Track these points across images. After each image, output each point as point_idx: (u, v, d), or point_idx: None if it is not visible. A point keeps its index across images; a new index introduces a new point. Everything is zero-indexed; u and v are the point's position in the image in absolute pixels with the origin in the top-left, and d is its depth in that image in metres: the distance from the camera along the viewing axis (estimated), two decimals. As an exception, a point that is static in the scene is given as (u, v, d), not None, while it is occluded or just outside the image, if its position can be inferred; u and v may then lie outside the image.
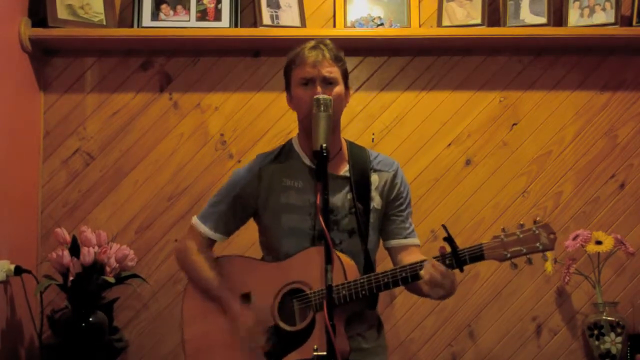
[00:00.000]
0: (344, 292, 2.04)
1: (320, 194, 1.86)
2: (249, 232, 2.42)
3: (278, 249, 2.23)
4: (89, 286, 2.66)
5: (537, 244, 1.93)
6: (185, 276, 2.38)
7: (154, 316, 3.03)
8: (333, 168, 2.23)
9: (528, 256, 1.96)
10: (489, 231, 3.04)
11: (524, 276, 3.03)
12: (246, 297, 2.22)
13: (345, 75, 2.23)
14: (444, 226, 1.96)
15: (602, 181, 3.08)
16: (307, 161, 2.25)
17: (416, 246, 2.30)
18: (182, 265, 2.36)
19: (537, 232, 1.94)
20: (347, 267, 2.09)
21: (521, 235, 1.95)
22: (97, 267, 2.67)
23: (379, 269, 2.27)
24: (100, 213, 3.06)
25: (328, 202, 1.87)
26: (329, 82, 2.16)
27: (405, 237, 2.28)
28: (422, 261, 2.02)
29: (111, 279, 2.67)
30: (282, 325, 2.14)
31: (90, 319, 2.68)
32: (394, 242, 2.29)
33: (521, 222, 1.98)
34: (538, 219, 1.97)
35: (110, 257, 2.69)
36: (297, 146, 2.30)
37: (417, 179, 3.05)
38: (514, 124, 3.11)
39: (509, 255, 1.95)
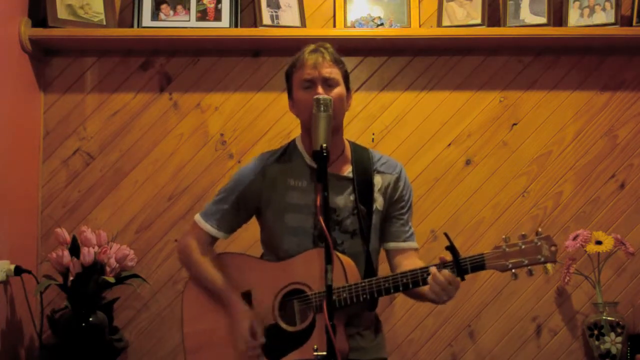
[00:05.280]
0: (344, 294, 2.05)
1: (320, 195, 1.86)
2: (251, 230, 2.42)
3: (279, 248, 2.23)
4: (89, 286, 2.66)
5: (539, 256, 1.94)
6: (187, 273, 2.38)
7: (154, 316, 3.03)
8: (336, 169, 2.24)
9: (529, 267, 1.97)
10: (489, 231, 3.04)
11: (524, 276, 3.02)
12: (246, 296, 2.22)
13: (346, 77, 2.23)
14: (446, 234, 1.96)
15: (602, 181, 3.08)
16: (309, 162, 2.25)
17: (414, 250, 2.31)
18: (184, 263, 2.37)
19: (539, 243, 1.94)
20: (347, 268, 2.09)
21: (523, 247, 1.96)
22: (97, 267, 2.67)
23: (381, 270, 2.28)
24: (100, 213, 3.06)
25: (328, 202, 1.87)
26: (329, 84, 2.17)
27: (404, 241, 2.29)
28: (424, 268, 2.02)
29: (111, 279, 2.67)
30: (283, 325, 2.14)
31: (90, 319, 2.68)
32: (392, 245, 2.29)
33: (523, 233, 1.99)
34: (539, 230, 1.98)
35: (110, 257, 2.69)
36: (300, 146, 2.30)
37: (417, 179, 3.05)
38: (514, 124, 3.11)
39: (510, 266, 1.96)
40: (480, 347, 3.03)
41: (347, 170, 2.26)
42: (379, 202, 2.25)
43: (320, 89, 2.14)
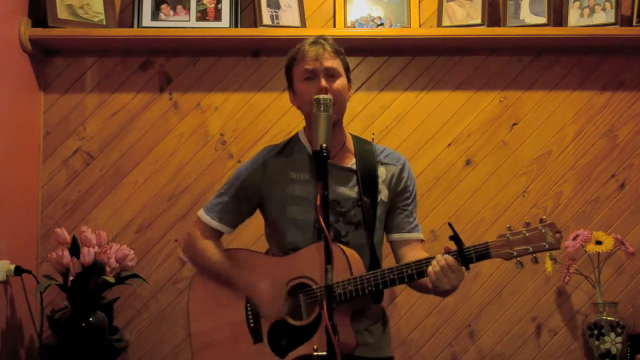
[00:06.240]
0: (350, 287, 2.05)
1: (320, 194, 1.86)
2: (254, 226, 2.42)
3: (283, 241, 2.23)
4: (89, 286, 2.66)
5: (544, 243, 1.93)
6: (193, 266, 2.38)
7: (154, 316, 3.03)
8: (339, 160, 2.25)
9: (534, 255, 1.96)
10: (489, 231, 3.04)
11: (524, 276, 3.03)
12: None
13: (347, 68, 2.25)
14: (450, 224, 1.95)
15: (602, 181, 3.08)
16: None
17: (419, 241, 2.30)
18: (190, 253, 2.36)
19: (543, 231, 1.93)
20: (352, 261, 2.09)
21: (527, 234, 1.95)
22: (97, 267, 2.66)
23: (385, 262, 2.28)
24: (100, 213, 3.06)
25: (328, 202, 1.87)
26: (331, 75, 2.17)
27: (409, 232, 2.28)
28: (429, 258, 2.02)
29: (111, 279, 2.67)
30: (289, 319, 2.14)
31: (90, 319, 2.68)
32: (397, 236, 2.29)
33: (527, 221, 1.98)
34: (544, 217, 1.97)
35: (110, 257, 2.69)
36: (303, 139, 2.31)
37: (417, 179, 3.01)
38: (514, 124, 3.11)
39: (515, 254, 1.95)
40: (480, 347, 3.03)
41: (351, 162, 2.26)
42: (383, 194, 2.25)
43: (322, 81, 2.14)
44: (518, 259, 1.97)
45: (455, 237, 1.96)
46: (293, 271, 2.16)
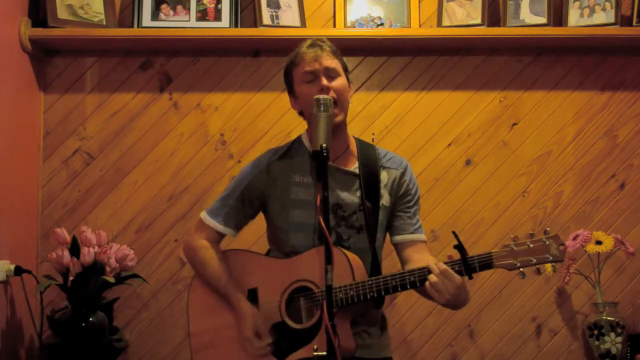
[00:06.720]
0: (352, 292, 2.05)
1: (321, 195, 1.86)
2: (255, 226, 2.42)
3: (285, 243, 2.24)
4: (89, 286, 2.66)
5: (547, 255, 1.94)
6: (193, 271, 2.37)
7: (154, 316, 3.03)
8: (342, 163, 2.25)
9: (537, 266, 1.97)
10: (489, 231, 3.04)
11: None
12: (253, 293, 2.22)
13: (345, 68, 2.25)
14: (454, 233, 1.96)
15: (602, 181, 3.08)
16: None
17: (423, 242, 2.30)
18: (190, 261, 2.36)
19: (547, 242, 1.94)
20: (354, 266, 2.09)
21: (531, 245, 1.95)
22: (97, 267, 2.66)
23: (384, 264, 2.28)
24: (100, 213, 3.06)
25: (328, 202, 1.87)
26: (331, 75, 2.18)
27: (412, 233, 2.28)
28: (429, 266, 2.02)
29: (111, 279, 2.66)
30: (289, 322, 2.14)
31: (90, 319, 2.68)
32: (400, 238, 2.29)
33: (531, 232, 1.98)
34: (548, 229, 1.98)
35: (110, 257, 2.69)
36: (306, 142, 2.31)
37: (417, 179, 3.03)
38: (514, 124, 3.11)
39: (518, 264, 1.96)
40: (480, 347, 3.03)
41: (354, 166, 2.27)
42: (385, 199, 2.26)
43: (324, 80, 2.15)
44: (521, 269, 1.97)
45: (459, 247, 1.97)
46: (294, 274, 2.16)
